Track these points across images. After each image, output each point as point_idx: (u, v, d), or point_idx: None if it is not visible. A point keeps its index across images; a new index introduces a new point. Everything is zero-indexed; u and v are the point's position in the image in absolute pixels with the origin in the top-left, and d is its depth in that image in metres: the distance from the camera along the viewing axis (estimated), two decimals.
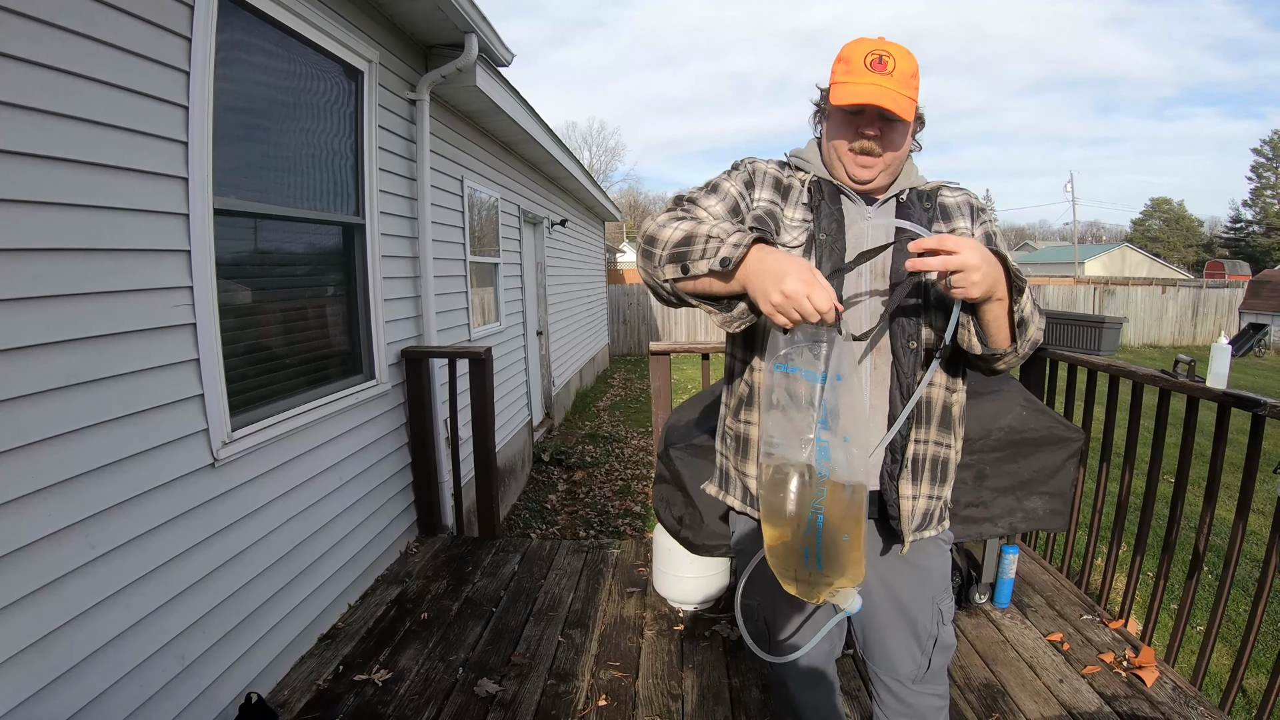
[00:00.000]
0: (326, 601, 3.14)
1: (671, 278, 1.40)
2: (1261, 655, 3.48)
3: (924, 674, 1.70)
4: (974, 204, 1.65)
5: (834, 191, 1.58)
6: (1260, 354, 18.31)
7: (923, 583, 1.67)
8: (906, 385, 1.52)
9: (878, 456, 1.55)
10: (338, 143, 3.49)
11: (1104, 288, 21.62)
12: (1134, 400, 3.17)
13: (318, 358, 3.36)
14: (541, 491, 7.05)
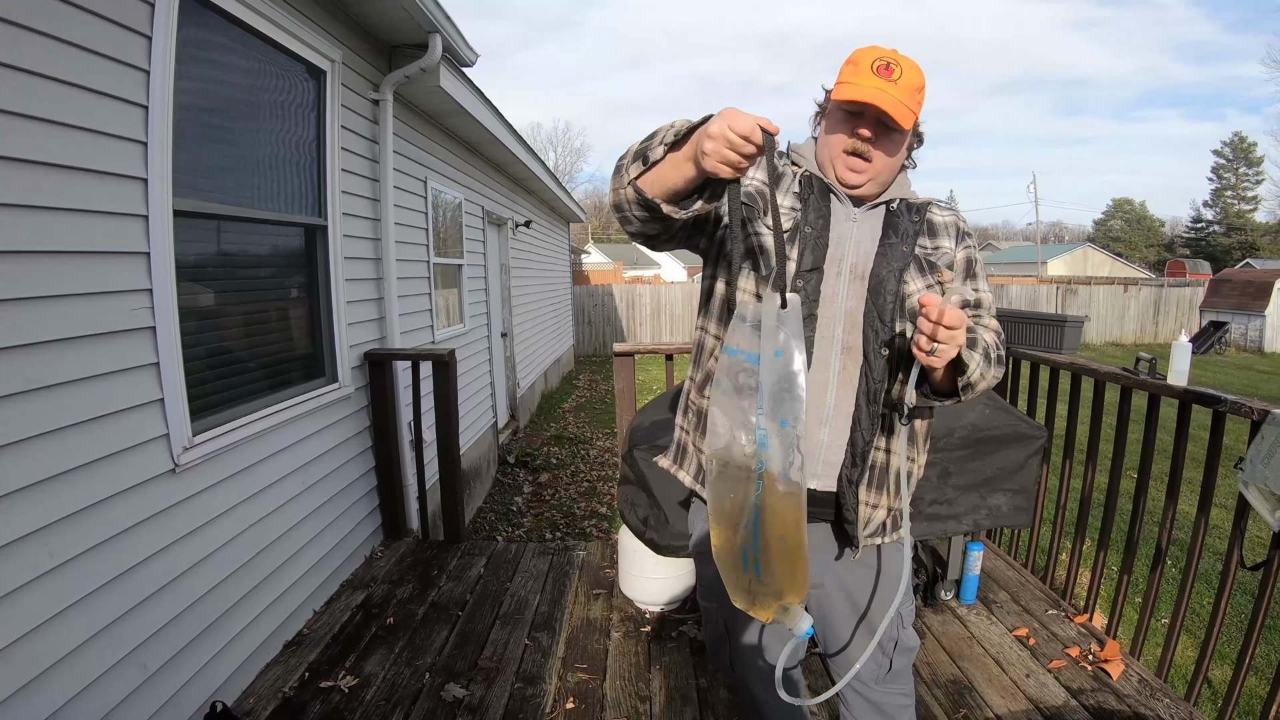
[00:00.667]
0: (291, 607, 3.10)
1: (635, 175, 1.35)
2: (1226, 647, 3.56)
3: (885, 674, 1.72)
4: (960, 227, 1.66)
5: (824, 188, 1.59)
6: (1221, 351, 18.78)
7: (881, 586, 1.68)
8: (874, 390, 1.53)
9: (835, 456, 1.55)
10: (300, 143, 3.45)
11: (1067, 287, 22.01)
12: (1096, 397, 3.24)
13: (280, 361, 3.31)
14: (507, 494, 7.02)
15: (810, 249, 1.53)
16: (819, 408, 1.55)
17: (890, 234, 1.58)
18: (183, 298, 2.48)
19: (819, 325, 1.53)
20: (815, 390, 1.54)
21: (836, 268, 1.55)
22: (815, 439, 1.55)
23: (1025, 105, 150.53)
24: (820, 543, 1.64)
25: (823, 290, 1.54)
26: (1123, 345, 20.49)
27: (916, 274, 1.56)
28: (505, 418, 8.76)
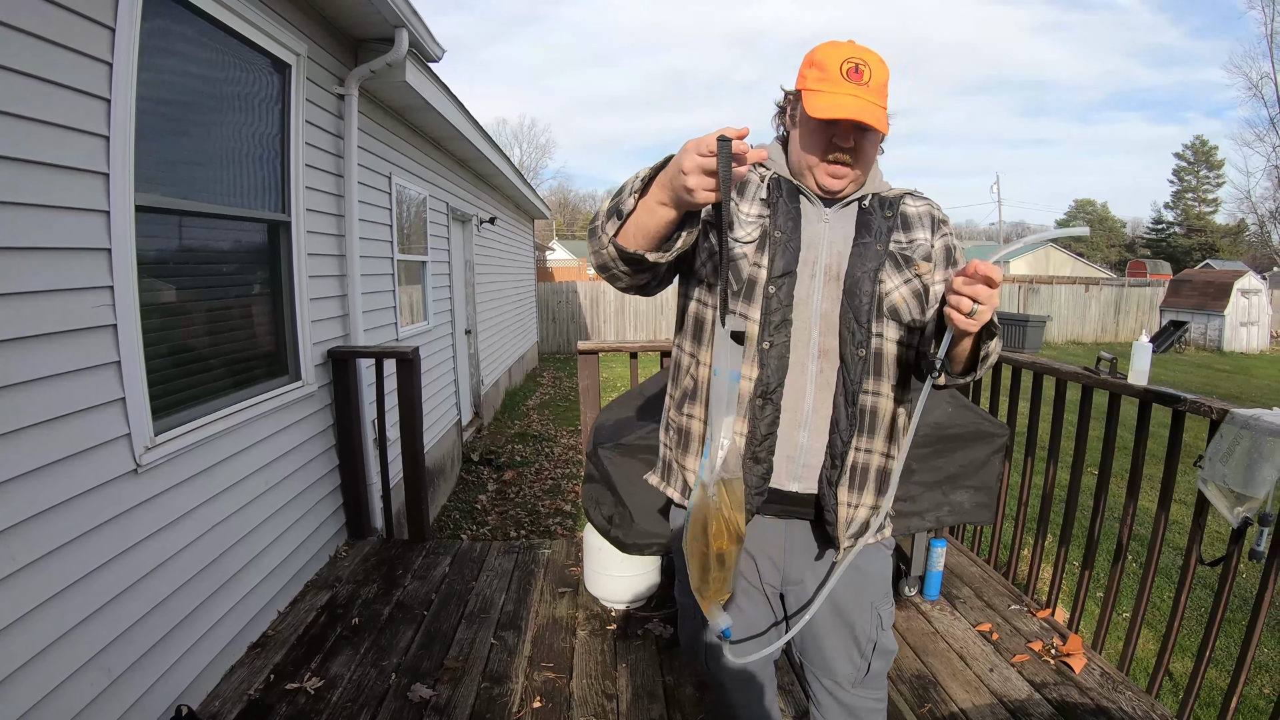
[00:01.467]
0: (255, 609, 3.06)
1: (613, 233, 1.36)
2: (1187, 640, 3.65)
3: (862, 678, 1.71)
4: (935, 215, 1.64)
5: (793, 190, 1.57)
6: (1181, 350, 19.26)
7: (862, 587, 1.66)
8: (852, 392, 1.52)
9: (815, 459, 1.55)
10: (264, 138, 3.40)
11: (1029, 286, 22.40)
12: (1058, 396, 3.29)
13: (242, 359, 3.27)
14: (471, 492, 6.99)
15: (781, 253, 1.52)
16: (797, 411, 1.54)
17: (864, 233, 1.56)
18: (144, 295, 2.44)
19: (794, 329, 1.52)
20: (793, 394, 1.53)
21: (810, 270, 1.53)
22: (794, 442, 1.55)
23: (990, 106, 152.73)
24: (802, 542, 1.64)
25: (796, 294, 1.52)
26: (1084, 344, 20.92)
27: (893, 271, 1.55)
28: (469, 415, 8.71)
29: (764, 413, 1.52)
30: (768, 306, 1.51)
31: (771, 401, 1.52)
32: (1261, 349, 19.87)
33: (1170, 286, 21.97)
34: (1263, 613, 2.27)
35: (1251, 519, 2.22)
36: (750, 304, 1.52)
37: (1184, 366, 16.11)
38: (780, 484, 1.56)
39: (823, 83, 1.44)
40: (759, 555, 1.65)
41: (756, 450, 1.53)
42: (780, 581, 1.67)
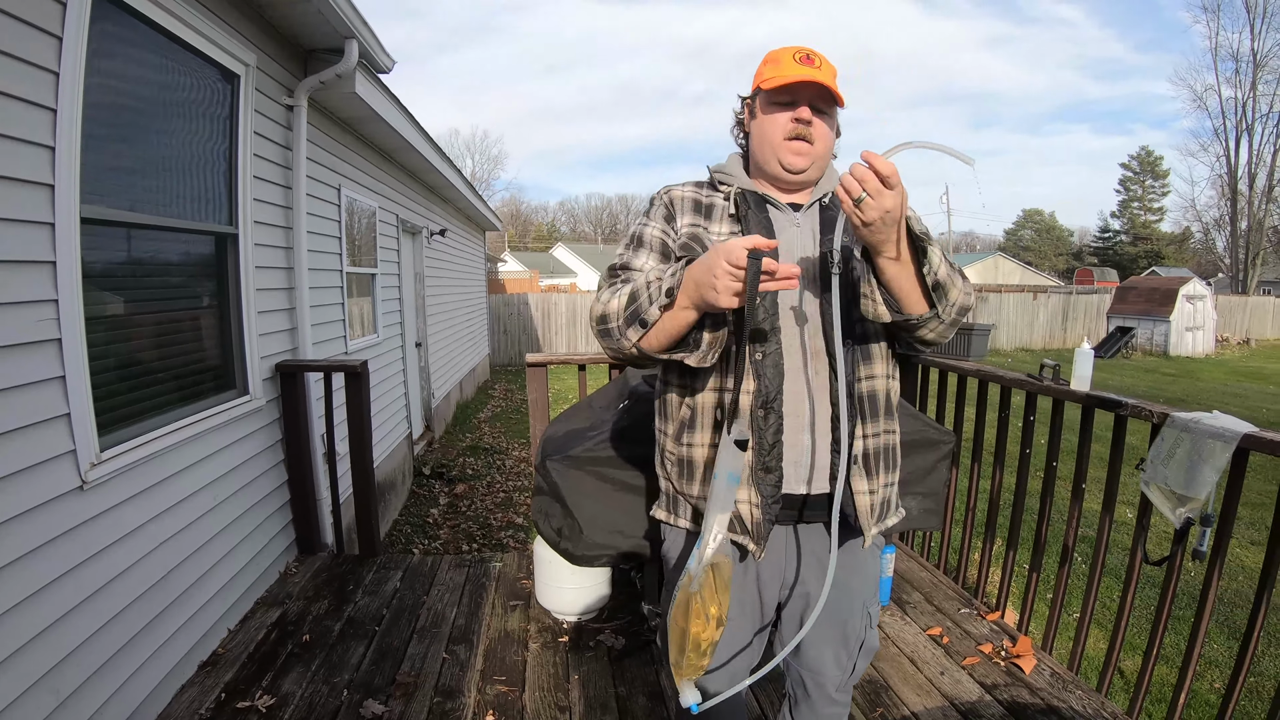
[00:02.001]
0: (205, 627, 3.01)
1: (636, 339, 1.43)
2: (1137, 638, 3.73)
3: (847, 679, 1.75)
4: None
5: (759, 201, 1.61)
6: (1128, 355, 19.88)
7: (855, 587, 1.69)
8: (850, 384, 1.54)
9: (823, 460, 1.57)
10: (212, 149, 3.36)
11: (978, 294, 22.89)
12: (1003, 402, 3.37)
13: (189, 373, 3.22)
14: (423, 506, 6.93)
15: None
16: (799, 415, 1.56)
17: (828, 230, 1.59)
18: (90, 308, 2.39)
19: (783, 335, 1.54)
20: (793, 399, 1.55)
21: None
22: (800, 446, 1.56)
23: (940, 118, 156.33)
24: (809, 545, 1.66)
25: (780, 300, 1.55)
26: (1033, 350, 21.44)
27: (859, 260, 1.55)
28: (420, 428, 8.63)
29: (768, 422, 1.53)
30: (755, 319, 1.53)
31: (773, 410, 1.53)
32: (1206, 353, 20.62)
33: (1117, 293, 22.66)
34: (1207, 610, 2.33)
35: (1194, 519, 2.28)
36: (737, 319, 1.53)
37: (1131, 371, 16.60)
38: (791, 489, 1.57)
39: (779, 69, 1.54)
40: (763, 569, 1.65)
41: (766, 460, 1.54)
42: (780, 588, 1.68)
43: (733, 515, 1.58)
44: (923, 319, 1.46)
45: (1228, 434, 2.18)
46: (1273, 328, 26.39)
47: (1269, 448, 2.13)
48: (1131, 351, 20.07)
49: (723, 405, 1.56)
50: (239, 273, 3.56)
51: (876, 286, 1.45)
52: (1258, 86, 37.20)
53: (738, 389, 1.51)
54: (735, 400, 1.51)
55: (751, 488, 1.55)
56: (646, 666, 2.93)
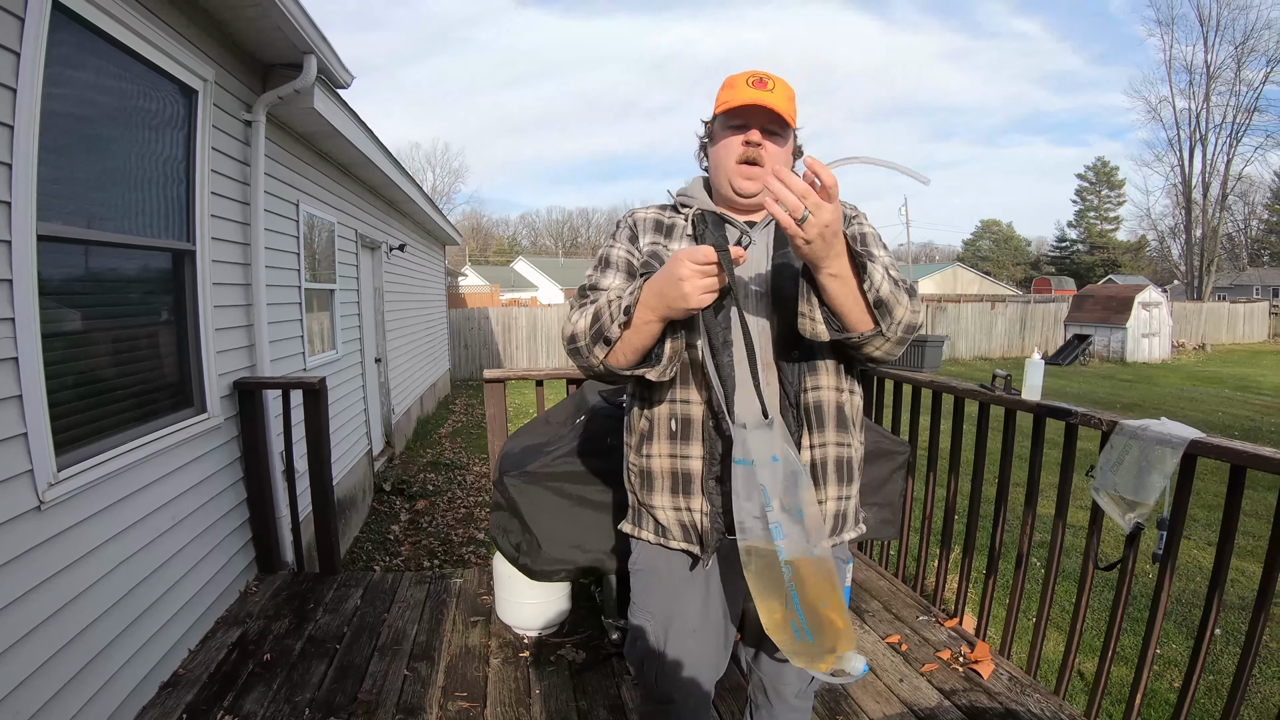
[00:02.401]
0: (166, 647, 2.97)
1: (603, 356, 1.49)
2: (1095, 640, 3.79)
3: (807, 686, 1.80)
4: (844, 213, 1.68)
5: (717, 220, 1.67)
6: (1085, 362, 20.31)
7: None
8: (793, 393, 1.59)
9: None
10: (170, 165, 3.34)
11: (937, 305, 23.24)
12: (957, 412, 3.44)
13: (147, 391, 3.18)
14: (384, 523, 6.87)
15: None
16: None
17: (781, 245, 1.63)
18: (47, 326, 2.37)
19: (735, 349, 1.58)
20: (744, 408, 1.58)
21: (743, 290, 1.61)
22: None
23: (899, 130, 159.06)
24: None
25: (732, 313, 1.58)
26: (991, 359, 21.79)
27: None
28: (380, 445, 8.56)
29: (720, 432, 1.58)
30: (710, 331, 1.57)
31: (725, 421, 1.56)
32: (1163, 359, 21.14)
33: (1074, 302, 23.14)
34: (1160, 612, 2.40)
35: (1144, 524, 2.36)
36: (693, 332, 1.58)
37: (1089, 378, 16.94)
38: None
39: (732, 94, 1.59)
40: (725, 578, 1.69)
41: (718, 470, 1.58)
42: (743, 599, 1.72)
43: (684, 524, 1.64)
44: (865, 336, 1.47)
45: (1175, 440, 2.25)
46: (1228, 333, 27.15)
47: (1215, 453, 2.20)
48: (1089, 358, 20.53)
49: (676, 416, 1.62)
50: (196, 289, 3.53)
51: (818, 305, 1.46)
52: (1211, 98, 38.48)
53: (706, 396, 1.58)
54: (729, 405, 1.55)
55: (703, 498, 1.60)
56: (607, 680, 2.94)
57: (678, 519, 1.65)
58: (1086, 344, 20.64)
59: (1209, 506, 6.02)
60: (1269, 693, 3.55)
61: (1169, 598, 2.42)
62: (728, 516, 1.58)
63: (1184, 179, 40.46)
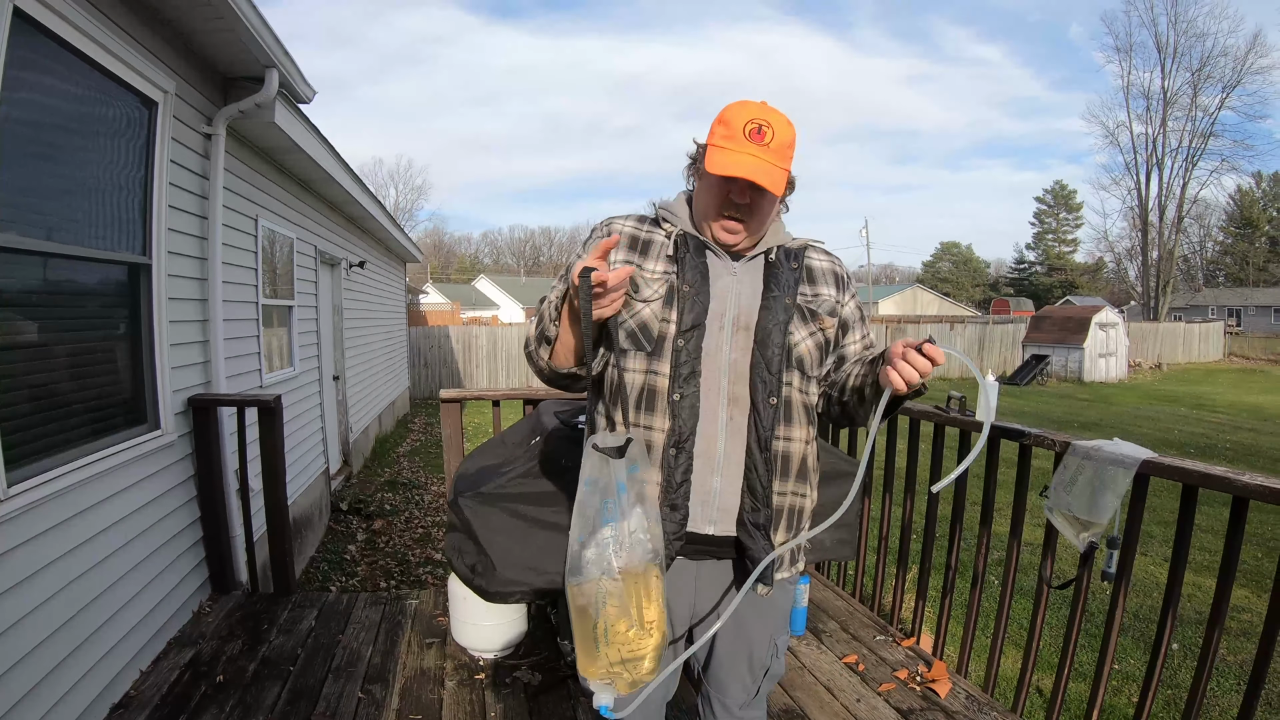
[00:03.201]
0: (117, 668, 2.89)
1: (547, 357, 1.51)
2: (1053, 656, 3.83)
3: (751, 699, 1.82)
4: (839, 274, 1.75)
5: (700, 245, 1.64)
6: (1043, 382, 20.71)
7: (765, 619, 1.76)
8: (764, 438, 1.59)
9: (730, 503, 1.62)
10: (127, 177, 3.30)
11: (896, 325, 23.65)
12: (912, 432, 3.48)
13: (99, 407, 3.12)
14: (340, 542, 6.77)
15: (690, 307, 1.58)
16: (710, 457, 1.60)
17: (772, 286, 1.63)
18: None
19: (703, 380, 1.58)
20: (705, 441, 1.59)
21: (719, 322, 1.60)
22: (709, 488, 1.61)
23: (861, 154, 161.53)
24: (713, 579, 1.71)
25: (705, 345, 1.59)
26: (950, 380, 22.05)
27: (800, 323, 1.63)
28: (338, 463, 8.44)
29: (678, 461, 1.58)
30: (677, 359, 1.58)
31: (684, 450, 1.58)
32: (1120, 378, 21.63)
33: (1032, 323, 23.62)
34: (1115, 628, 2.45)
35: (1098, 543, 2.40)
36: (659, 358, 1.59)
37: (1047, 398, 17.27)
38: (696, 527, 1.63)
39: (727, 140, 1.52)
40: (672, 597, 1.69)
41: (673, 497, 1.59)
42: (690, 618, 1.74)
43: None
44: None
45: (1128, 460, 2.30)
46: (1183, 352, 27.85)
47: (1168, 473, 2.25)
48: (1047, 378, 20.95)
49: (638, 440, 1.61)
50: (152, 304, 3.47)
51: (814, 381, 1.65)
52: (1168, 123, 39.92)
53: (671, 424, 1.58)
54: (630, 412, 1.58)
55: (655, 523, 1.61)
56: (564, 702, 2.93)
57: None
58: (1044, 364, 21.06)
59: (1164, 522, 6.15)
60: (1226, 705, 3.62)
61: (1125, 613, 2.47)
62: (679, 542, 1.61)
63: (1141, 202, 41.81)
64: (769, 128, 1.51)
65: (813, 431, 1.72)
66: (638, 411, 1.61)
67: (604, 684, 1.45)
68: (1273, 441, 11.33)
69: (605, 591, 1.41)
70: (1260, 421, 13.79)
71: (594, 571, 1.40)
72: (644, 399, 1.61)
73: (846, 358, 1.74)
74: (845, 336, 1.74)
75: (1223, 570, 2.14)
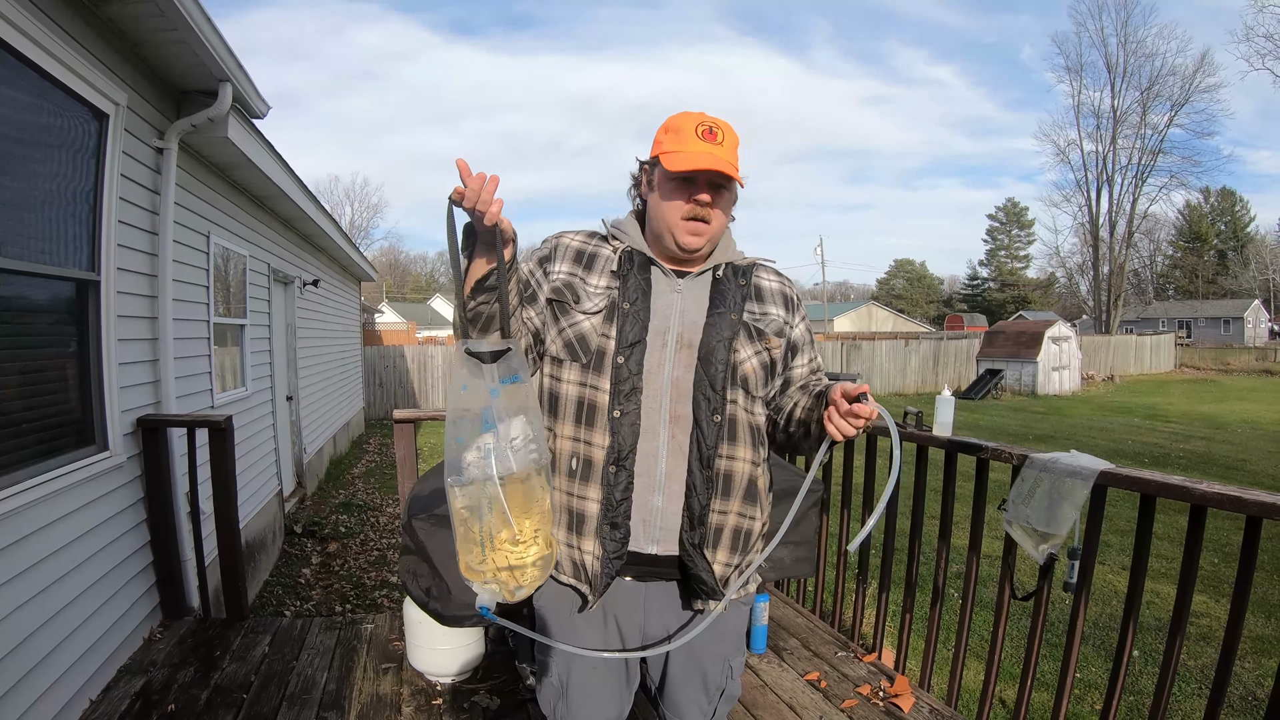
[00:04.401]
0: (65, 697, 2.77)
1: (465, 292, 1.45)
2: (1015, 668, 3.82)
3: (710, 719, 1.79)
4: (789, 295, 1.74)
5: (645, 262, 1.63)
6: (998, 396, 21.05)
7: (718, 640, 1.72)
8: (707, 456, 1.58)
9: (672, 522, 1.61)
10: (76, 191, 3.21)
11: (851, 342, 23.85)
12: (869, 448, 3.52)
13: (45, 427, 3.02)
14: (294, 565, 6.61)
15: (630, 323, 1.57)
16: (651, 475, 1.58)
17: (719, 303, 1.63)
18: None
19: (644, 397, 1.57)
20: (646, 459, 1.58)
21: (661, 339, 1.59)
22: (650, 506, 1.59)
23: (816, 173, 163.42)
24: (662, 601, 1.69)
25: (647, 362, 1.58)
26: (905, 395, 22.38)
27: (745, 341, 1.63)
28: (291, 485, 8.26)
29: (618, 479, 1.57)
30: (617, 376, 1.57)
31: (624, 468, 1.57)
32: (1073, 390, 22.11)
33: (985, 338, 24.05)
34: (1076, 637, 2.47)
35: (1057, 554, 2.42)
36: (600, 374, 1.58)
37: (1001, 411, 17.53)
38: (639, 547, 1.61)
39: (680, 144, 1.54)
40: (621, 618, 1.68)
41: (613, 516, 1.57)
42: (641, 640, 1.71)
43: (575, 562, 1.62)
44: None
45: (1085, 472, 2.33)
46: (1135, 364, 28.61)
47: (1125, 483, 2.29)
48: (1001, 392, 21.33)
49: (578, 455, 1.60)
50: (99, 322, 3.38)
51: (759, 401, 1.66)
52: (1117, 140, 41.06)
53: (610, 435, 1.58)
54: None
55: (596, 540, 1.59)
56: None
57: (569, 555, 1.63)
58: (998, 378, 21.45)
59: (1122, 531, 6.27)
60: (1189, 710, 3.69)
61: (1086, 622, 2.49)
62: (619, 561, 1.59)
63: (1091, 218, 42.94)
64: (719, 128, 1.55)
65: (762, 454, 1.70)
66: (578, 426, 1.60)
67: (488, 587, 1.42)
68: (1225, 450, 11.63)
69: (489, 496, 1.38)
70: (1212, 430, 14.16)
71: (475, 474, 1.37)
72: (584, 414, 1.59)
73: (793, 381, 1.74)
74: (794, 359, 1.74)
75: (1183, 577, 2.17)
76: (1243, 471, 9.78)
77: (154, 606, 3.75)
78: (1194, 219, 56.45)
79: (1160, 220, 51.53)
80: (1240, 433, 13.89)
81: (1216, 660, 2.10)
